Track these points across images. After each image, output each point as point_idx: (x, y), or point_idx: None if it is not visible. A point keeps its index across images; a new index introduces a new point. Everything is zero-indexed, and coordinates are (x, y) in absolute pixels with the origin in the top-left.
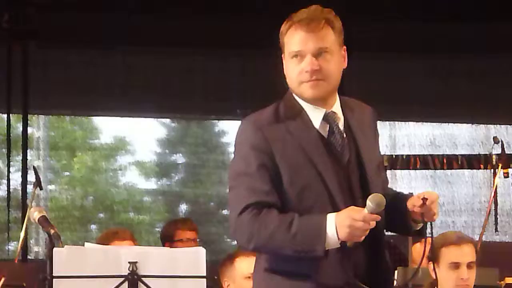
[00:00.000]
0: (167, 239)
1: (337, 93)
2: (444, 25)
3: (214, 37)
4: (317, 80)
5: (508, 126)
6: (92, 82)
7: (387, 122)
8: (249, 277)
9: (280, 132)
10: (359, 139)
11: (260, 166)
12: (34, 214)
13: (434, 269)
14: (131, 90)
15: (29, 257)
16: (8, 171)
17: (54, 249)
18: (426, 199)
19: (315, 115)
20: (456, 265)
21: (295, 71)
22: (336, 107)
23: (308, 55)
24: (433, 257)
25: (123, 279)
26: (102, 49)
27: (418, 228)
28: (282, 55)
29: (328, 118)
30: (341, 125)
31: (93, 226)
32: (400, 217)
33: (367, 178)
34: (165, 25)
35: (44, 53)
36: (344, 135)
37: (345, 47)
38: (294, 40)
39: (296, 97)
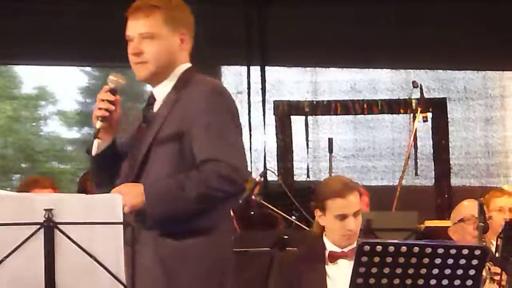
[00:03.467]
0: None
1: (175, 73)
2: None
3: None
4: (140, 63)
5: (428, 70)
6: (12, 30)
7: (308, 68)
8: None
9: None
10: (159, 116)
11: None
12: None
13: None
14: (52, 38)
15: None
16: None
17: None
18: None
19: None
20: (342, 216)
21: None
22: (160, 87)
23: (134, 39)
24: (319, 206)
25: (38, 226)
26: None
27: None
28: None
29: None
30: (158, 103)
31: (15, 176)
32: None
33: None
34: None
35: None
36: (154, 113)
37: (183, 30)
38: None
39: None
